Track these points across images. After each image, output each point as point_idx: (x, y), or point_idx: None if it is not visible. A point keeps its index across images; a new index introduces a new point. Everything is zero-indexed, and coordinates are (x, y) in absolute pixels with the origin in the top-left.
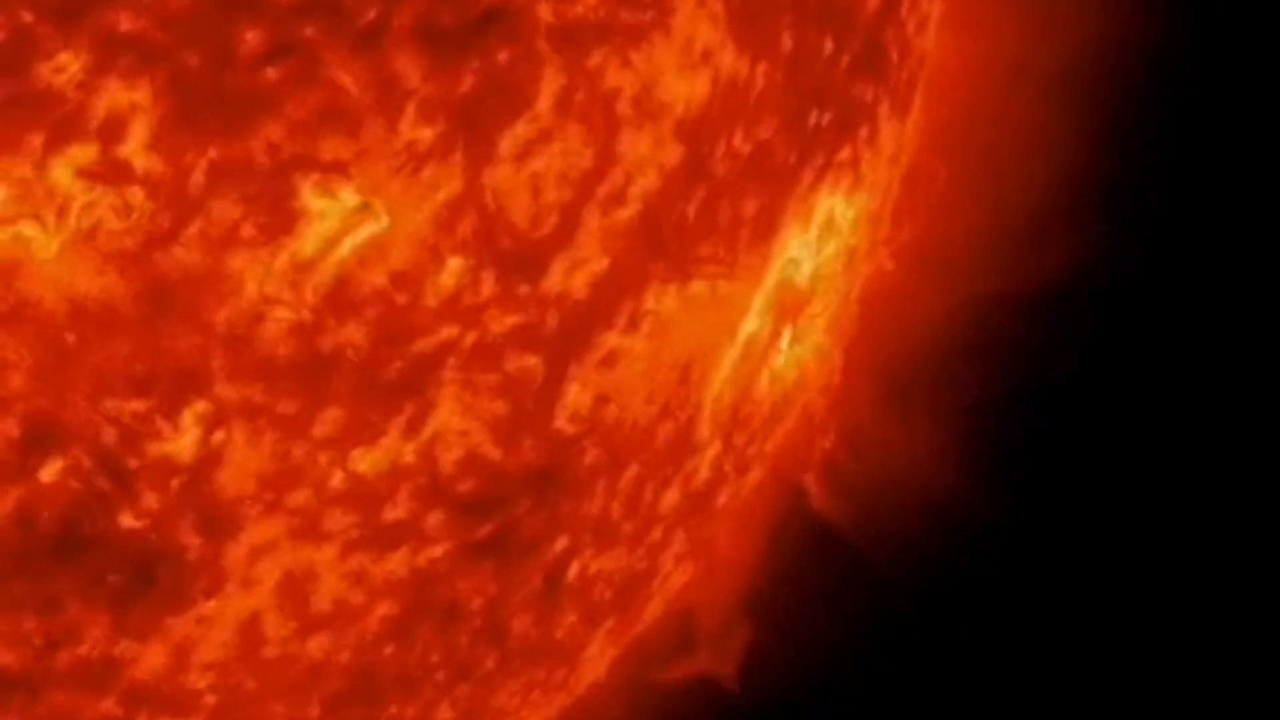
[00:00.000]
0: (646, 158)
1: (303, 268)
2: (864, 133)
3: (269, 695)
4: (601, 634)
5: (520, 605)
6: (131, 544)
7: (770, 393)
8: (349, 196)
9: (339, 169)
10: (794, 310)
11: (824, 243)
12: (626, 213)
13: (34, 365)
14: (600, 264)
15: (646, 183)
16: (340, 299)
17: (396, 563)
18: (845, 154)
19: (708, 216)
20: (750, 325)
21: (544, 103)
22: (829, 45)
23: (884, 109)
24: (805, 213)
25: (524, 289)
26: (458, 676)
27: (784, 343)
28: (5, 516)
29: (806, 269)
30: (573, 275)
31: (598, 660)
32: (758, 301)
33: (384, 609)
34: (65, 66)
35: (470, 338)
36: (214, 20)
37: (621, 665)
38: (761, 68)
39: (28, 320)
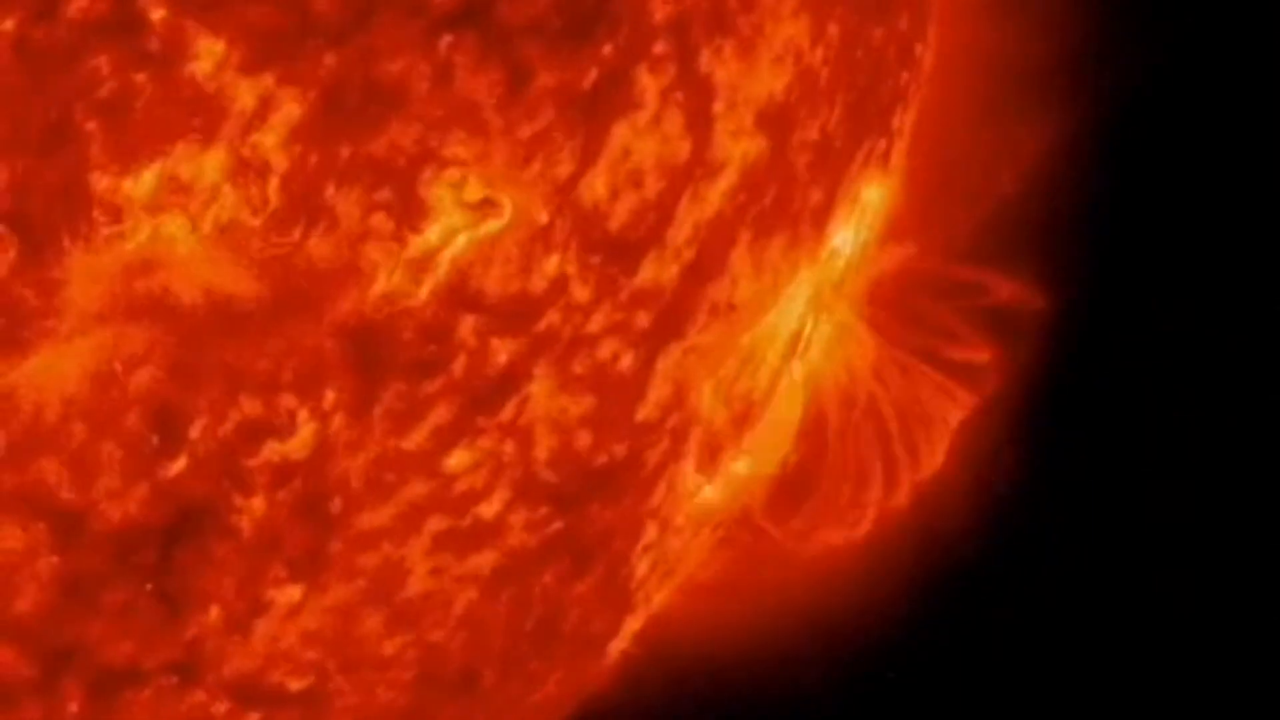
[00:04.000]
0: (735, 150)
1: (427, 263)
2: (897, 121)
3: (353, 682)
4: (628, 625)
5: (576, 600)
6: (244, 539)
7: (799, 376)
8: (474, 191)
9: (466, 164)
10: (830, 298)
11: (860, 230)
12: (714, 205)
13: (167, 361)
14: (688, 255)
15: (734, 174)
16: (460, 293)
17: (483, 557)
18: (884, 143)
19: (783, 206)
20: (794, 314)
21: (650, 96)
22: (878, 35)
23: (912, 97)
24: (851, 201)
25: (621, 281)
26: (514, 669)
27: (816, 328)
28: (130, 513)
29: (844, 257)
30: (665, 268)
31: (618, 649)
32: (804, 291)
33: (464, 603)
34: (210, 64)
35: (569, 329)
36: (353, 21)
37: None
38: (829, 57)
39: (164, 316)
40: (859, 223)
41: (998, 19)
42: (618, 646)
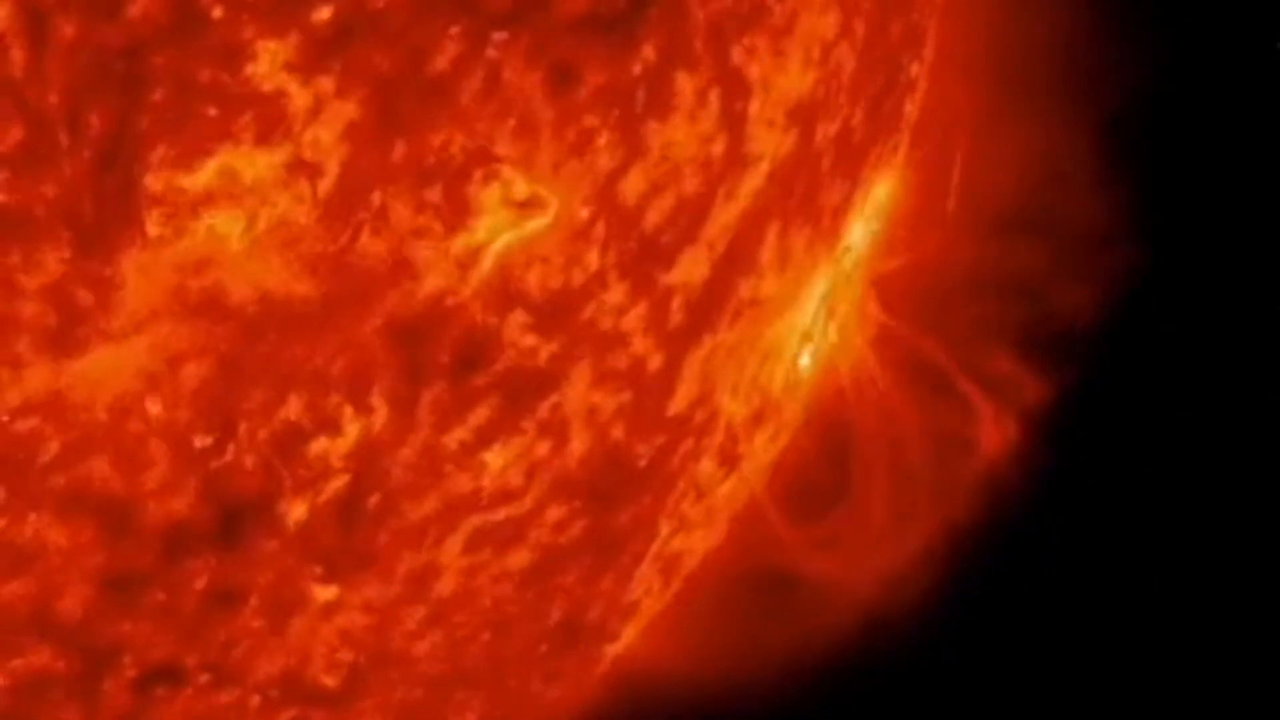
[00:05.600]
0: (767, 145)
1: (473, 260)
2: (907, 115)
3: (384, 679)
4: (634, 624)
5: (596, 598)
6: (287, 537)
7: (809, 368)
8: (521, 189)
9: (514, 162)
10: (841, 292)
11: (870, 226)
12: (745, 200)
13: (218, 359)
14: (720, 251)
15: (764, 170)
16: (504, 290)
17: (515, 555)
18: (896, 137)
19: (807, 202)
20: (810, 310)
21: (689, 94)
22: (896, 29)
23: (919, 91)
24: (865, 196)
25: (657, 277)
26: (535, 667)
27: (827, 324)
28: (177, 511)
29: (855, 253)
30: (698, 264)
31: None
32: (820, 286)
33: (494, 601)
34: (268, 65)
35: (606, 325)
36: (407, 22)
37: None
38: (854, 52)
39: (216, 314)
40: (870, 218)
41: (999, 13)
42: (619, 647)
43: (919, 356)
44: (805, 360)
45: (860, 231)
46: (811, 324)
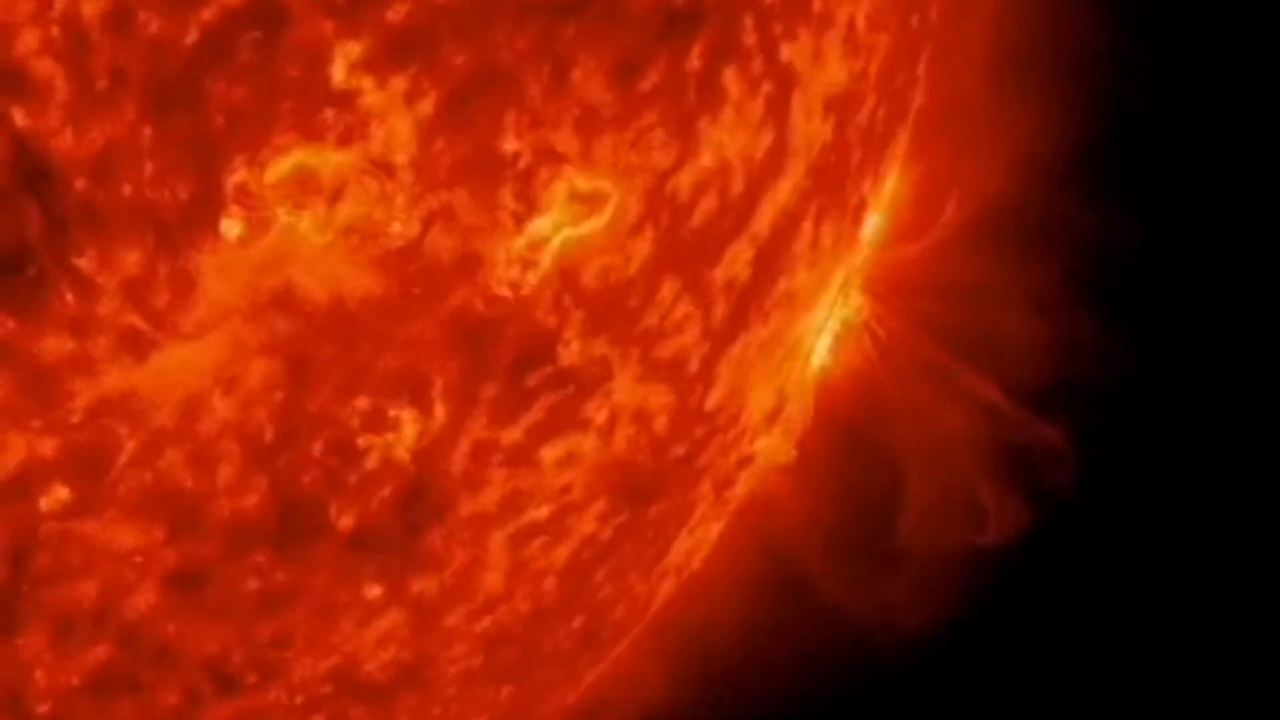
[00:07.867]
0: (806, 139)
1: (536, 256)
2: (914, 109)
3: (426, 677)
4: (647, 615)
5: (620, 596)
6: (344, 536)
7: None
8: (583, 185)
9: (578, 159)
10: (852, 287)
11: (880, 219)
12: (786, 193)
13: (288, 357)
14: (763, 245)
15: (804, 163)
16: (563, 287)
17: (559, 551)
18: (906, 131)
19: (837, 195)
20: (829, 304)
21: (741, 88)
22: (914, 21)
23: (923, 85)
24: (881, 188)
25: (705, 272)
26: (557, 665)
27: (840, 319)
28: (242, 509)
29: (868, 246)
30: (743, 258)
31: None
32: (839, 281)
33: (535, 598)
34: (345, 64)
35: (655, 320)
36: (476, 20)
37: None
38: (882, 44)
39: (288, 312)
40: (881, 212)
41: (997, 10)
42: (627, 642)
43: (918, 355)
44: (820, 355)
45: (872, 225)
46: (827, 318)
